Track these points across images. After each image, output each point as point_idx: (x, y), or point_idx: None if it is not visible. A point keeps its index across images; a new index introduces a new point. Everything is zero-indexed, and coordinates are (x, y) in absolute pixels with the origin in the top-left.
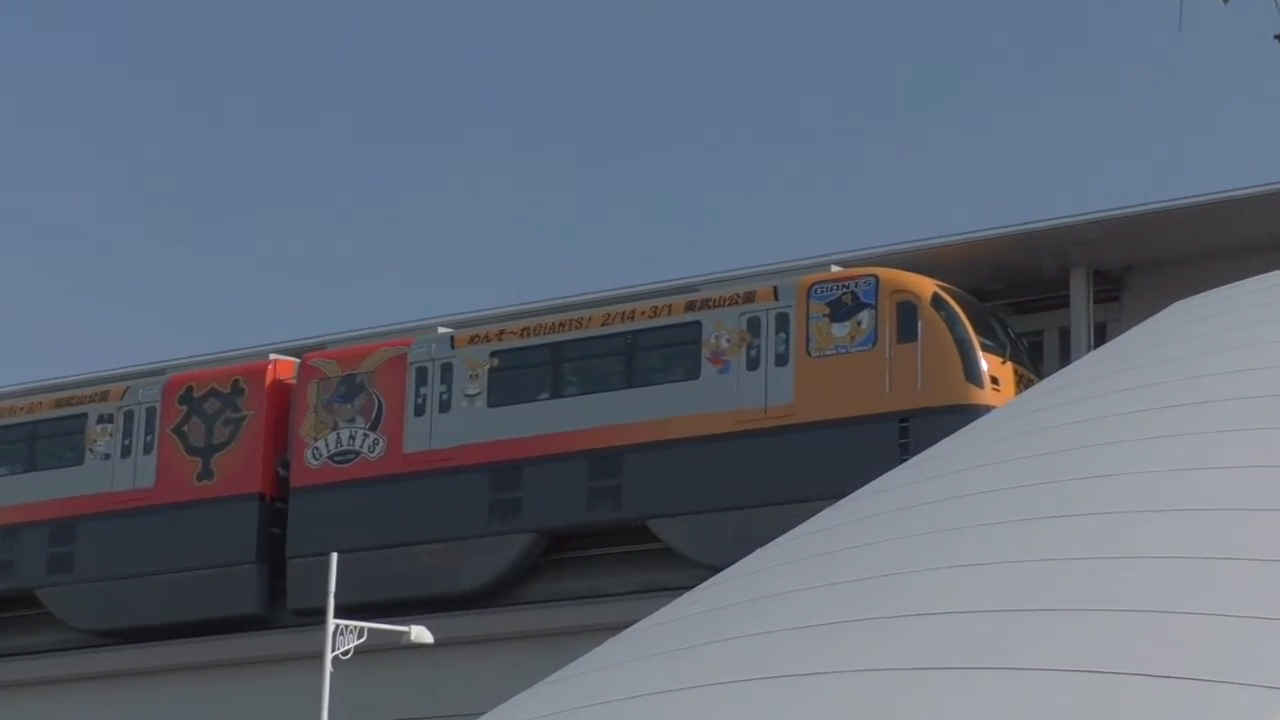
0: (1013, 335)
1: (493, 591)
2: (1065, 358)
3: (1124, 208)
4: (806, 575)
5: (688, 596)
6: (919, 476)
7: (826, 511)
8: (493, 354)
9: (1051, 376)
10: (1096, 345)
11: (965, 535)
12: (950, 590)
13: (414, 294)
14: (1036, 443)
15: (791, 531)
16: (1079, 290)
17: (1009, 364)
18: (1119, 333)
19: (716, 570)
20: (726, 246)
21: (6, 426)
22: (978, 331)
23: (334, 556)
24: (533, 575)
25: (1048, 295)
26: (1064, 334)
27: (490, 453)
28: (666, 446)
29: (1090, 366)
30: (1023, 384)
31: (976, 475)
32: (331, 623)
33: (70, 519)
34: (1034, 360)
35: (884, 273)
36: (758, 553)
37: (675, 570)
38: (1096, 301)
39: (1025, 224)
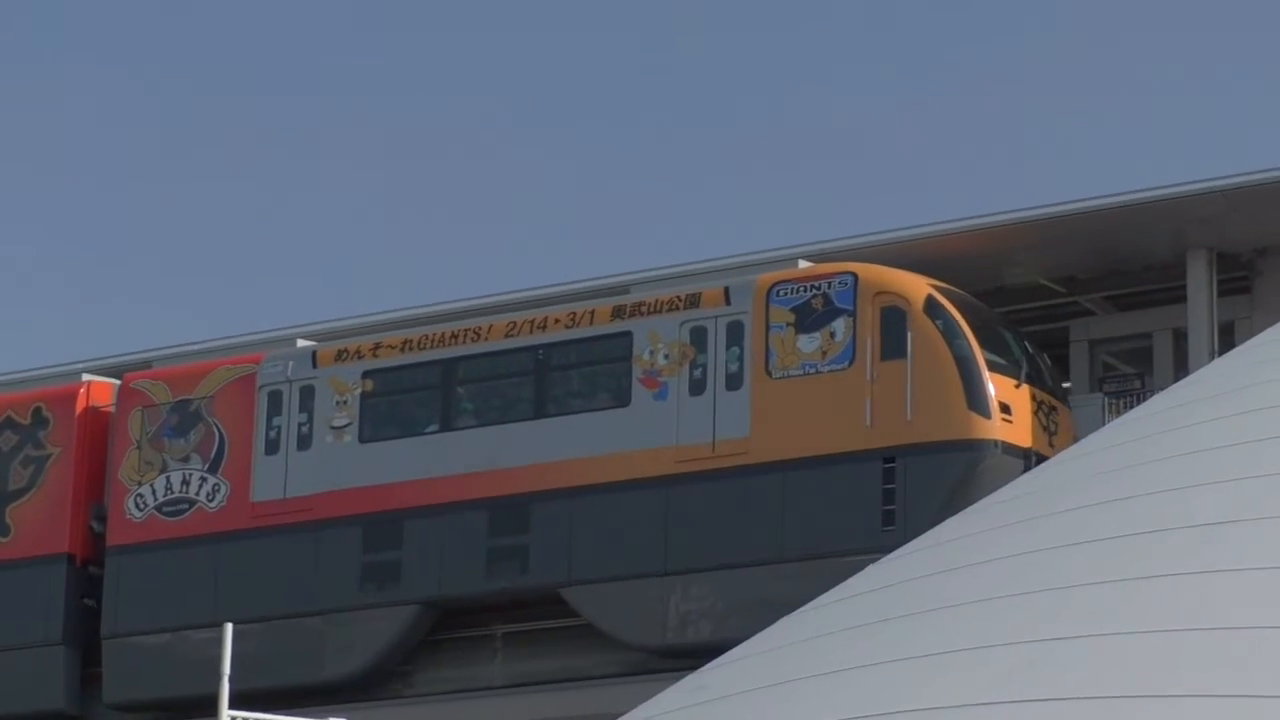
0: (1030, 350)
1: (366, 680)
2: (1182, 367)
3: (1256, 173)
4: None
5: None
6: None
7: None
8: (365, 374)
9: (1161, 394)
10: (1223, 349)
11: None
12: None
13: (267, 295)
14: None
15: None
16: (1198, 279)
17: (1024, 387)
18: (1251, 333)
19: (651, 654)
20: (678, 236)
21: None
22: (984, 346)
23: (229, 628)
24: (418, 660)
25: (1157, 287)
26: (1179, 336)
27: (362, 502)
28: (588, 494)
29: (1217, 377)
30: (1043, 412)
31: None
32: (225, 715)
33: None
34: (1057, 381)
35: (864, 269)
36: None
37: (599, 654)
38: (1221, 294)
39: (1123, 195)
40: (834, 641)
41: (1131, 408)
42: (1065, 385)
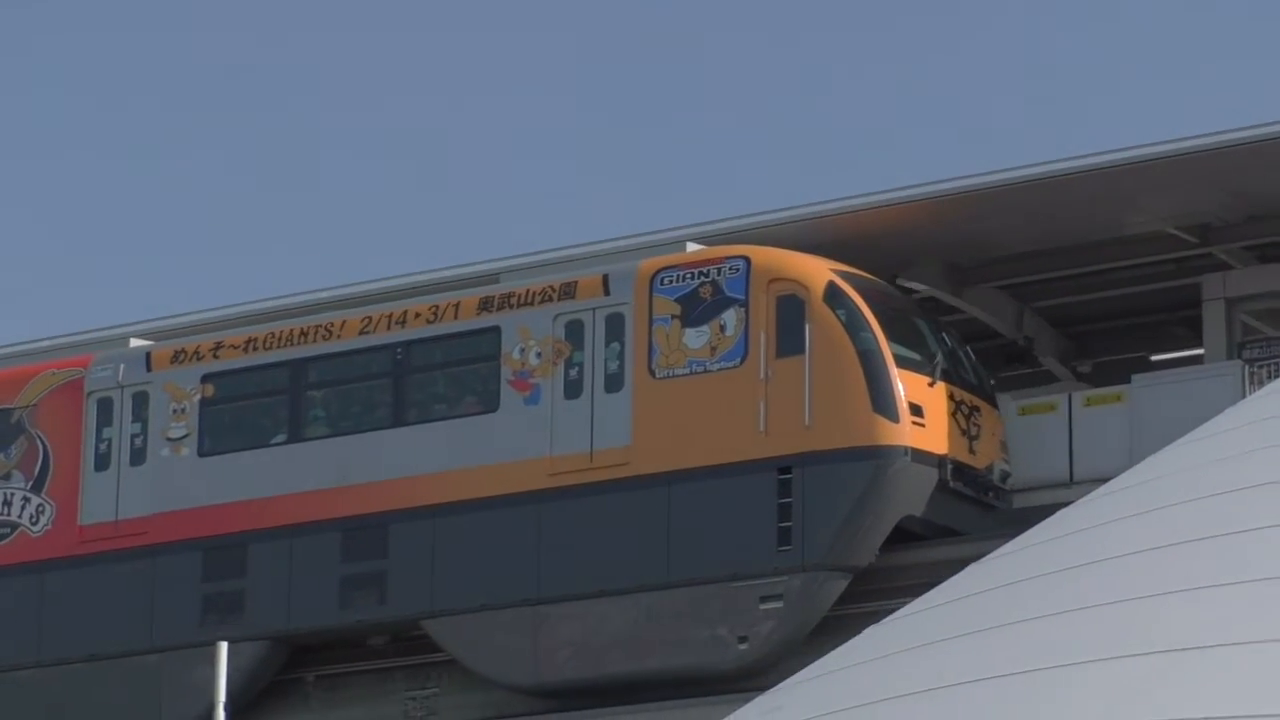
0: (950, 343)
1: None
2: None
3: None
4: None
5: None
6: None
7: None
8: (205, 378)
9: None
10: None
11: None
12: None
13: (99, 290)
14: None
15: None
16: None
17: (940, 385)
18: None
19: (521, 693)
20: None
21: None
22: (893, 339)
23: (223, 646)
24: (272, 701)
25: None
26: None
27: (201, 524)
28: (450, 512)
29: None
30: (962, 413)
31: None
32: None
33: None
34: (983, 379)
35: (758, 252)
36: None
37: (466, 692)
38: None
39: (1265, 127)
40: (911, 659)
41: (1277, 377)
42: (993, 382)
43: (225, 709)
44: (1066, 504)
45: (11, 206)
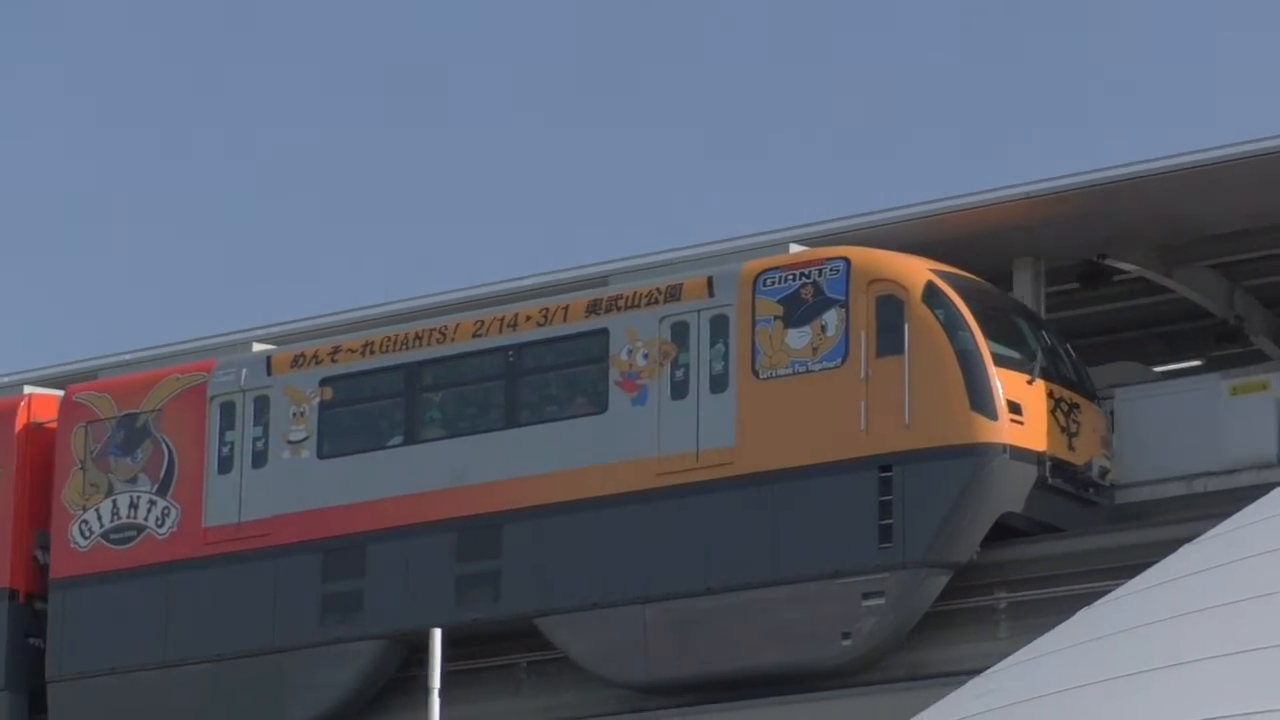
0: (1050, 341)
1: None
2: None
3: None
4: None
5: None
6: None
7: None
8: (323, 381)
9: None
10: None
11: None
12: None
13: (223, 296)
14: None
15: None
16: None
17: (1039, 383)
18: None
19: (633, 691)
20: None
21: None
22: (992, 337)
23: (437, 633)
24: (391, 699)
25: None
26: None
27: (321, 525)
28: (562, 512)
29: None
30: (1061, 410)
31: None
32: None
33: None
34: (1083, 375)
35: (858, 253)
36: None
37: (584, 690)
38: None
39: None
40: (1122, 641)
41: None
42: None
43: (439, 697)
44: (1277, 484)
45: (143, 216)
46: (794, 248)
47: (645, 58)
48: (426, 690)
